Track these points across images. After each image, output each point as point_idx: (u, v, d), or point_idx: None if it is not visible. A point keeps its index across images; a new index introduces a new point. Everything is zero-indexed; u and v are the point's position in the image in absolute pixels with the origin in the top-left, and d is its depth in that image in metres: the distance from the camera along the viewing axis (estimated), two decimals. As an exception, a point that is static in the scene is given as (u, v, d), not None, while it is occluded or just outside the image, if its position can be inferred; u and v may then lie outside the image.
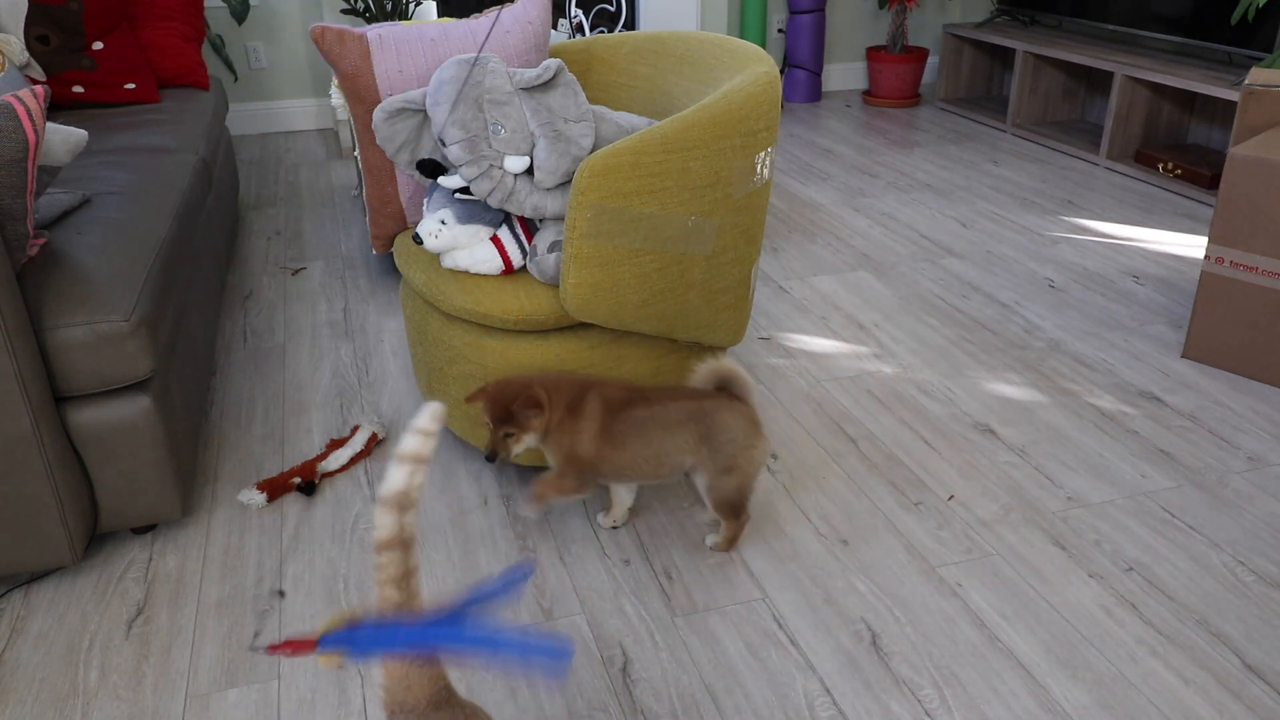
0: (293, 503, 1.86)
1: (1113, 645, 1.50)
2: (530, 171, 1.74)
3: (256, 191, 3.66)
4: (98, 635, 1.55)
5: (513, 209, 1.74)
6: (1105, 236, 3.11)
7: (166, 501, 1.68)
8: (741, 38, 4.18)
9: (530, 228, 1.82)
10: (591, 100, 2.19)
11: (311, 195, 3.60)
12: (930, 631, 1.53)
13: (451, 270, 1.82)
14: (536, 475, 1.91)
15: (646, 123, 1.85)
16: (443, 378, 1.85)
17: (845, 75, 5.14)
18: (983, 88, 4.82)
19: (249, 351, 2.44)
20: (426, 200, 1.82)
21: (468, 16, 2.71)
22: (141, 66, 2.92)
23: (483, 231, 1.78)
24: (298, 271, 2.91)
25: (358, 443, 1.97)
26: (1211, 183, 3.41)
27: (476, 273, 1.80)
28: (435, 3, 4.51)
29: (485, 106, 1.69)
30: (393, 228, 2.34)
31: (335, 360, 2.39)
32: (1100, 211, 3.33)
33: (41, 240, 1.66)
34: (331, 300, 2.72)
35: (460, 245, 1.79)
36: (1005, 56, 4.80)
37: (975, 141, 4.21)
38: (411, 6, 4.14)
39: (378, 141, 1.85)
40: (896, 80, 4.76)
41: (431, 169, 1.82)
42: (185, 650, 1.52)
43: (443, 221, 1.76)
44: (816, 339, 2.47)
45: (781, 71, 4.94)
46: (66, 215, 1.84)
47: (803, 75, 4.84)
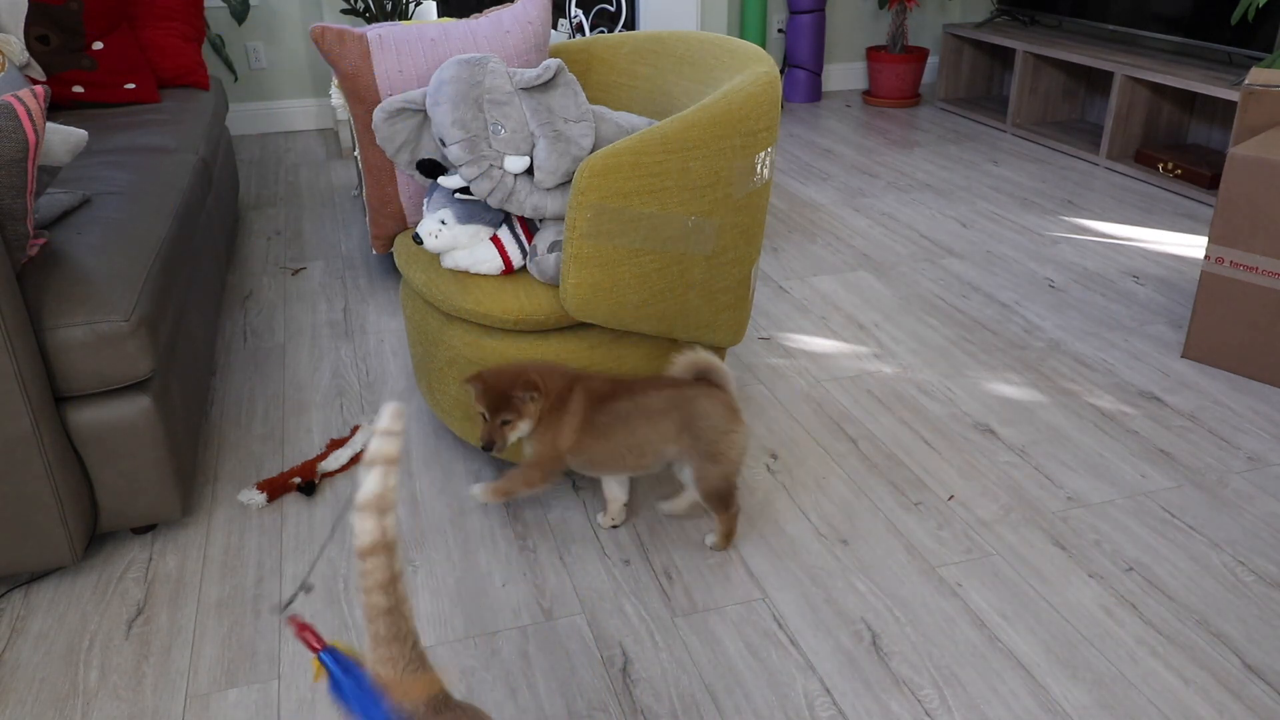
0: (293, 503, 1.86)
1: (1113, 645, 1.50)
2: (530, 171, 1.74)
3: (256, 191, 3.66)
4: (98, 635, 1.55)
5: (513, 209, 1.74)
6: (1105, 236, 3.11)
7: (166, 501, 1.68)
8: (741, 38, 4.18)
9: (530, 228, 1.82)
10: (591, 100, 2.19)
11: (311, 195, 3.60)
12: (930, 631, 1.53)
13: (451, 270, 1.82)
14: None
15: (646, 123, 1.85)
16: (443, 378, 1.85)
17: (845, 75, 5.14)
18: (983, 88, 4.82)
19: (249, 351, 2.44)
20: (426, 200, 1.82)
21: (468, 16, 2.71)
22: (141, 66, 2.92)
23: (483, 231, 1.78)
24: (298, 271, 2.91)
25: (358, 443, 1.97)
26: (1211, 183, 3.41)
27: (476, 273, 1.80)
28: (435, 3, 4.51)
29: (485, 106, 1.69)
30: (393, 228, 2.34)
31: (335, 360, 2.39)
32: (1100, 211, 3.33)
33: (41, 240, 1.67)
34: (331, 300, 2.72)
35: (460, 245, 1.79)
36: (1005, 56, 4.80)
37: (975, 141, 4.21)
38: (411, 6, 4.14)
39: (378, 141, 1.85)
40: (896, 80, 4.76)
41: (431, 169, 1.82)
42: (185, 650, 1.52)
43: (443, 221, 1.76)
44: (816, 339, 2.47)
45: (781, 71, 4.94)
46: (66, 215, 1.84)
47: (803, 75, 4.84)
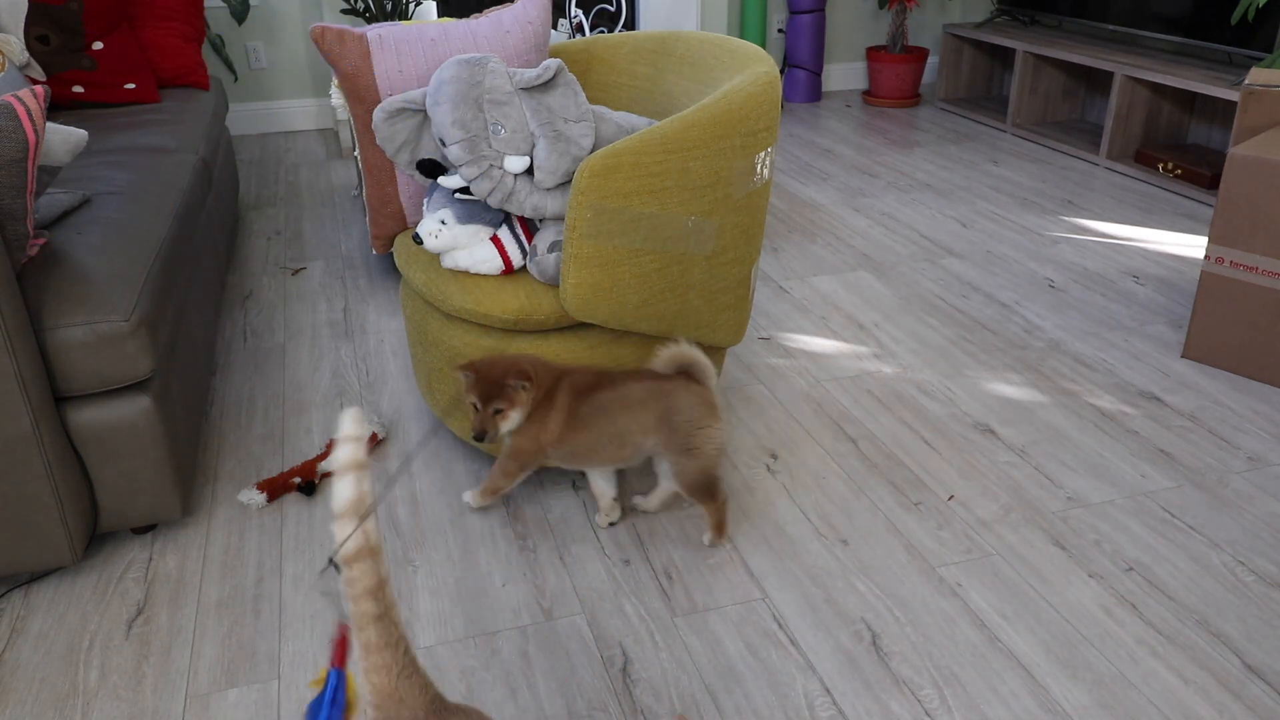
0: (293, 503, 1.86)
1: (1113, 645, 1.50)
2: (530, 171, 1.74)
3: (256, 191, 3.66)
4: (98, 635, 1.55)
5: (513, 209, 1.74)
6: (1105, 236, 3.11)
7: (166, 501, 1.68)
8: (741, 38, 4.18)
9: (530, 228, 1.82)
10: (591, 100, 2.19)
11: (311, 195, 3.60)
12: (930, 631, 1.53)
13: (451, 270, 1.82)
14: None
15: (646, 123, 1.85)
16: (443, 378, 1.85)
17: (845, 75, 5.14)
18: (983, 88, 4.82)
19: (249, 351, 2.44)
20: (426, 200, 1.82)
21: (468, 16, 2.71)
22: (141, 66, 2.92)
23: (483, 231, 1.78)
24: (298, 271, 2.91)
25: (358, 443, 1.97)
26: (1211, 183, 3.41)
27: (476, 273, 1.80)
28: (435, 3, 4.51)
29: (485, 106, 1.69)
30: (393, 228, 2.34)
31: (335, 360, 2.39)
32: (1100, 211, 3.33)
33: (41, 240, 1.67)
34: (331, 300, 2.72)
35: (460, 245, 1.79)
36: (1005, 56, 4.80)
37: (975, 141, 4.21)
38: (411, 6, 4.14)
39: (378, 141, 1.85)
40: (896, 80, 4.76)
41: (431, 169, 1.82)
42: (185, 650, 1.52)
43: (443, 221, 1.76)
44: (816, 339, 2.47)
45: (781, 71, 4.94)
46: (66, 215, 1.84)
47: (803, 75, 4.84)
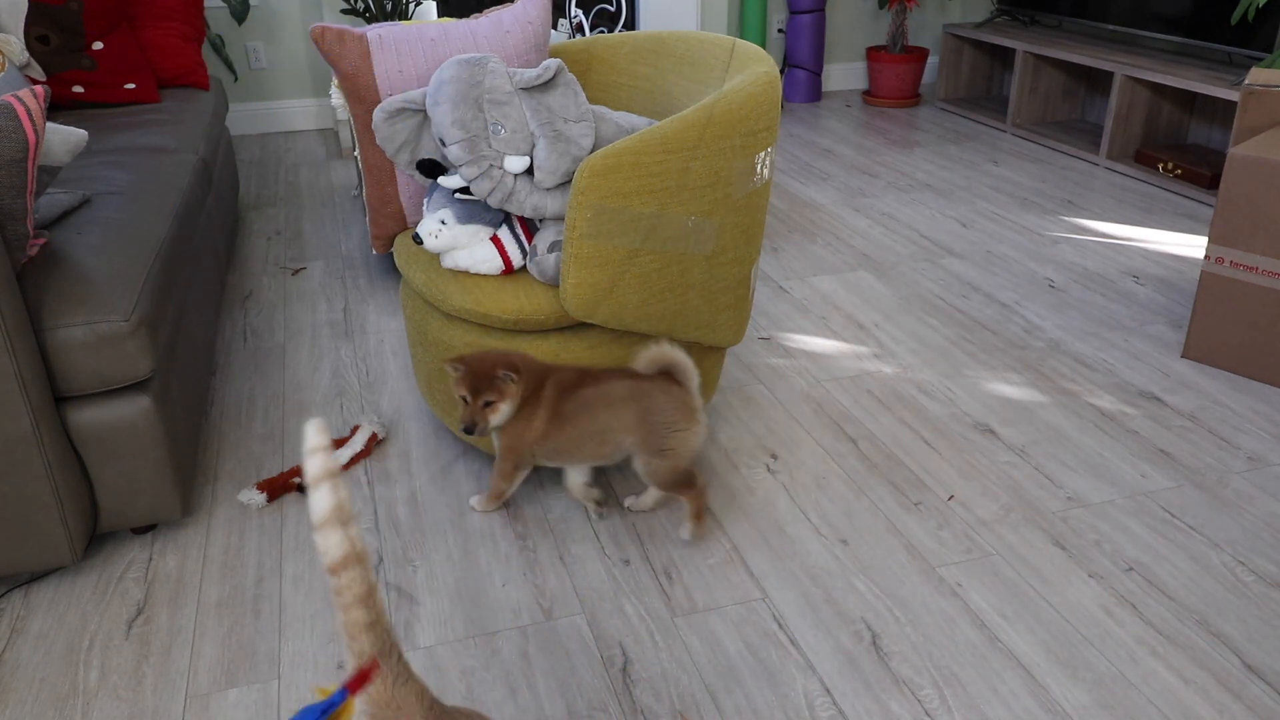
0: (293, 503, 1.86)
1: (1113, 645, 1.50)
2: (530, 171, 1.74)
3: (256, 191, 3.66)
4: (98, 635, 1.55)
5: (513, 209, 1.74)
6: (1105, 236, 3.11)
7: (166, 501, 1.68)
8: (741, 38, 4.18)
9: (530, 228, 1.82)
10: (591, 100, 2.19)
11: (311, 195, 3.60)
12: (930, 631, 1.53)
13: (451, 270, 1.82)
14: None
15: (646, 123, 1.85)
16: (443, 378, 1.85)
17: (845, 75, 5.14)
18: (983, 88, 4.82)
19: (249, 351, 2.44)
20: (426, 200, 1.82)
21: (468, 16, 2.71)
22: (141, 66, 2.92)
23: (483, 231, 1.78)
24: (298, 271, 2.91)
25: (358, 443, 1.97)
26: (1211, 183, 3.41)
27: (476, 273, 1.80)
28: (435, 3, 4.51)
29: (485, 106, 1.69)
30: (393, 228, 2.34)
31: (335, 360, 2.39)
32: (1100, 211, 3.33)
33: (41, 240, 1.67)
34: (331, 300, 2.72)
35: (460, 245, 1.79)
36: (1005, 56, 4.80)
37: (975, 141, 4.21)
38: (411, 6, 4.14)
39: (378, 141, 1.85)
40: (896, 80, 4.76)
41: (431, 169, 1.82)
42: (185, 650, 1.52)
43: (443, 221, 1.76)
44: (816, 339, 2.47)
45: (781, 71, 4.94)
46: (66, 215, 1.84)
47: (803, 75, 4.84)
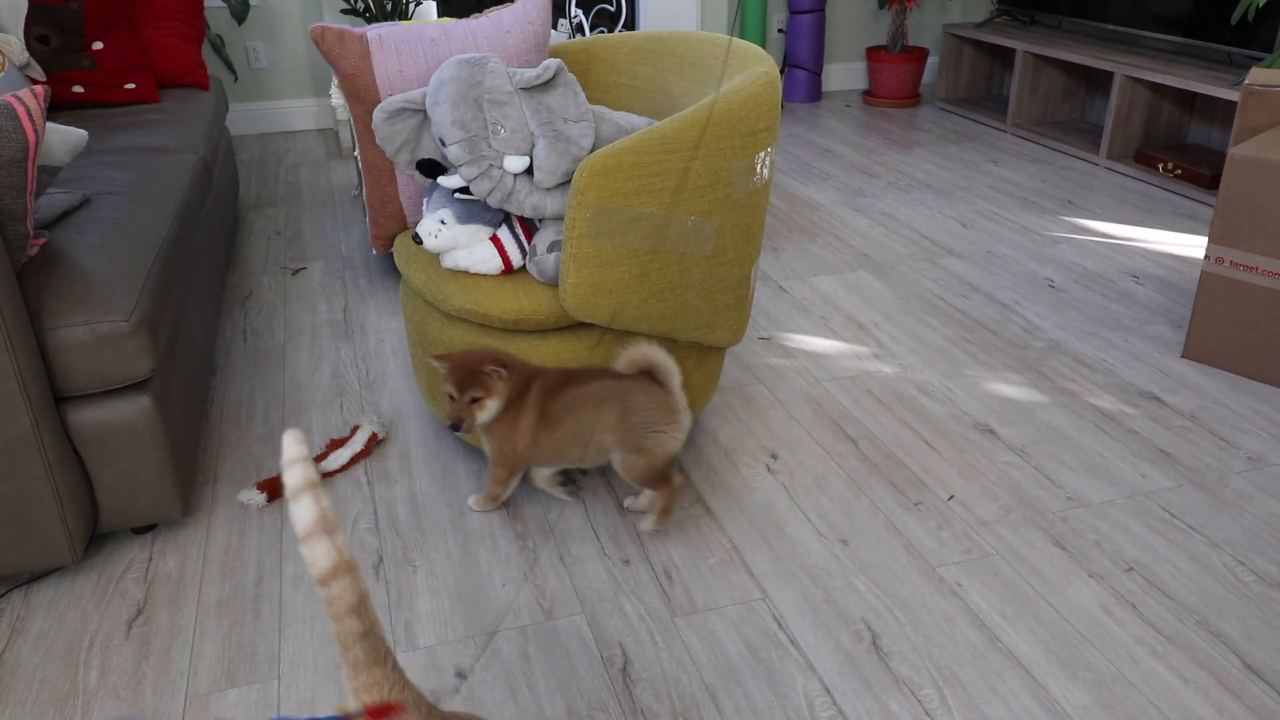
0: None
1: (1113, 645, 1.50)
2: (530, 171, 1.74)
3: (256, 191, 3.66)
4: (98, 635, 1.55)
5: (512, 209, 1.74)
6: (1105, 236, 3.11)
7: (166, 501, 1.68)
8: (741, 38, 4.18)
9: (530, 228, 1.82)
10: (592, 100, 2.19)
11: (311, 195, 3.60)
12: (930, 631, 1.53)
13: (451, 270, 1.82)
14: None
15: (646, 123, 1.85)
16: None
17: (845, 75, 5.14)
18: (983, 88, 4.82)
19: (249, 351, 2.44)
20: (426, 200, 1.82)
21: (468, 16, 2.71)
22: (141, 66, 2.92)
23: (482, 231, 1.78)
24: (298, 271, 2.91)
25: (358, 443, 1.97)
26: (1211, 183, 3.41)
27: (476, 272, 1.80)
28: (435, 3, 4.51)
29: (485, 106, 1.69)
30: (393, 228, 2.34)
31: (335, 360, 2.39)
32: (1100, 211, 3.33)
33: (41, 240, 1.67)
34: (331, 300, 2.72)
35: (460, 245, 1.79)
36: (1005, 56, 4.80)
37: (975, 141, 4.21)
38: (411, 6, 4.14)
39: (378, 141, 1.85)
40: (896, 80, 4.76)
41: (431, 169, 1.82)
42: (185, 650, 1.52)
43: (442, 221, 1.76)
44: (816, 339, 2.47)
45: (781, 71, 4.94)
46: (66, 215, 1.84)
47: (803, 75, 4.84)
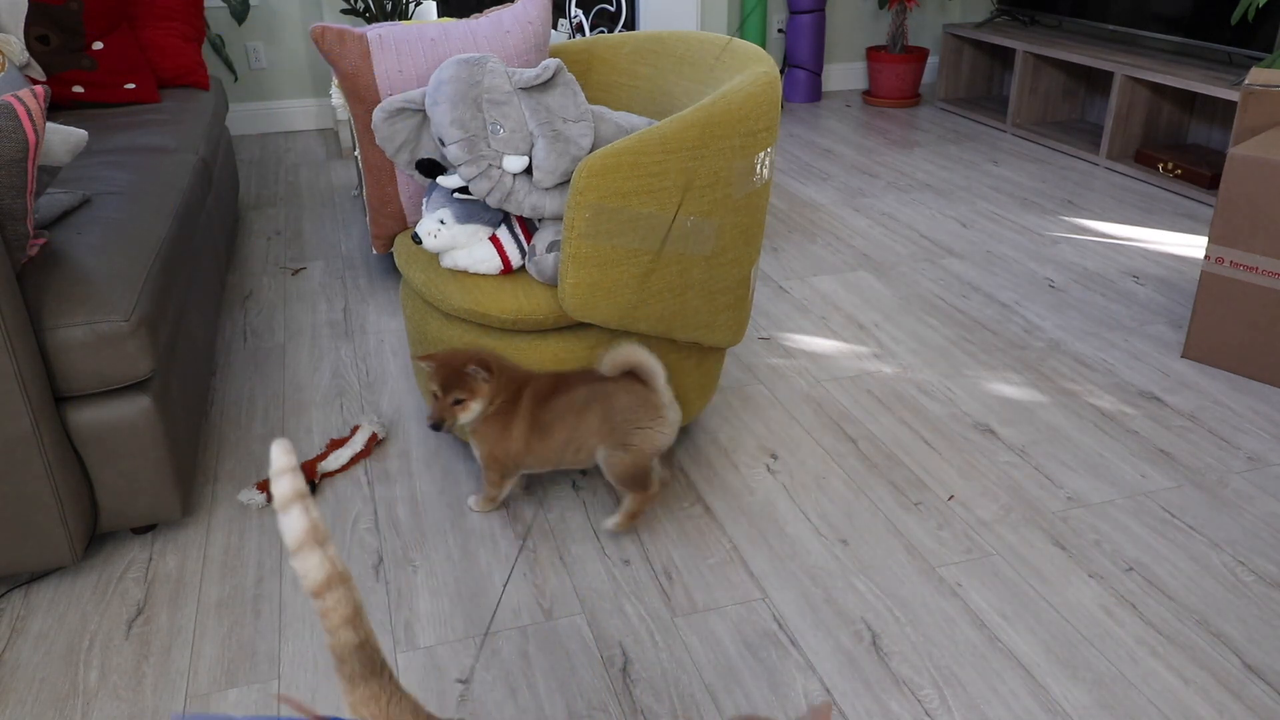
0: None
1: (1113, 645, 1.50)
2: (529, 171, 1.74)
3: (256, 191, 3.66)
4: (98, 635, 1.55)
5: (511, 209, 1.74)
6: (1105, 236, 3.11)
7: (166, 501, 1.68)
8: (741, 38, 4.18)
9: (529, 227, 1.82)
10: (592, 100, 2.19)
11: (311, 195, 3.60)
12: (930, 631, 1.53)
13: (450, 270, 1.82)
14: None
15: (646, 123, 1.85)
16: (442, 378, 1.85)
17: (845, 75, 5.14)
18: (983, 88, 4.82)
19: (249, 351, 2.44)
20: (425, 200, 1.82)
21: (468, 16, 2.71)
22: (141, 66, 2.92)
23: (481, 231, 1.78)
24: (298, 271, 2.91)
25: (358, 443, 1.97)
26: (1211, 183, 3.41)
27: (475, 272, 1.80)
28: (435, 3, 4.51)
29: (484, 106, 1.69)
30: (393, 227, 2.34)
31: (335, 360, 2.39)
32: (1100, 211, 3.33)
33: (41, 240, 1.67)
34: (331, 300, 2.72)
35: (459, 245, 1.79)
36: (1005, 56, 4.80)
37: (975, 141, 4.21)
38: (411, 6, 4.14)
39: (377, 141, 1.85)
40: (896, 80, 4.76)
41: (430, 168, 1.82)
42: (185, 650, 1.52)
43: (441, 221, 1.76)
44: (816, 339, 2.47)
45: (781, 71, 4.94)
46: (66, 215, 1.84)
47: (803, 75, 4.84)
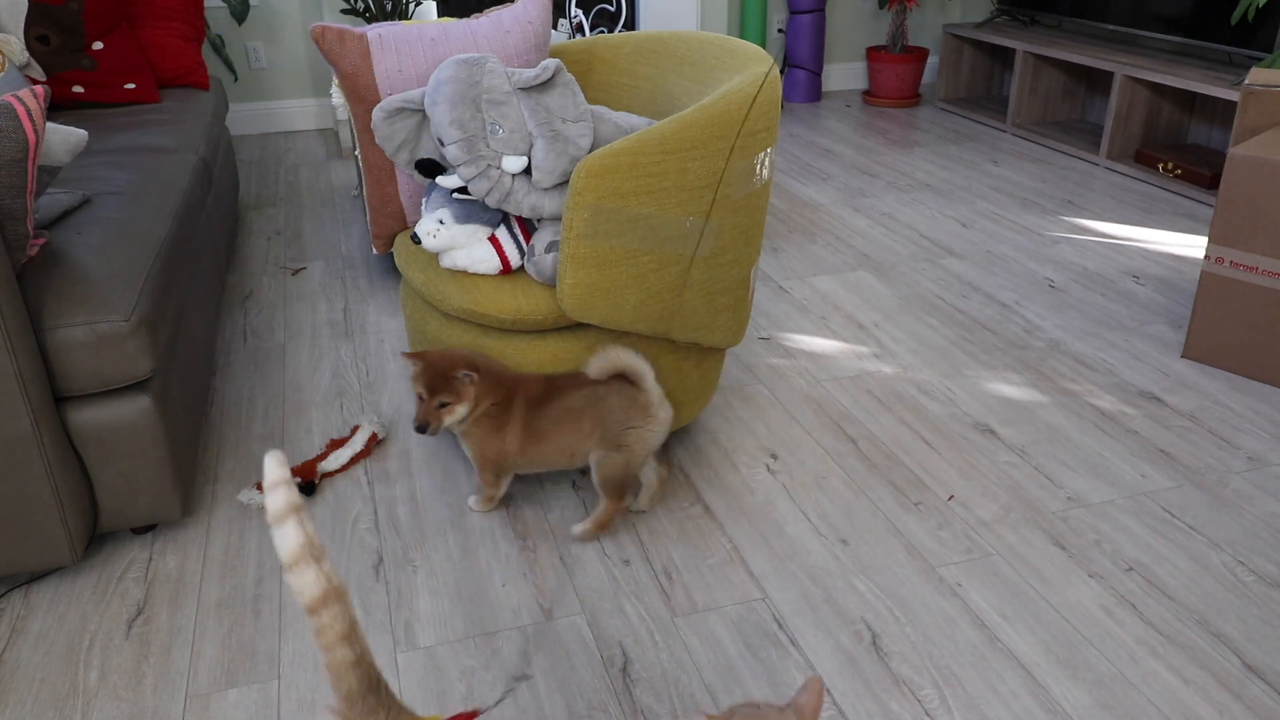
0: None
1: (1113, 645, 1.50)
2: (528, 171, 1.73)
3: (256, 191, 3.66)
4: (98, 635, 1.55)
5: (510, 209, 1.74)
6: (1105, 236, 3.11)
7: (166, 501, 1.68)
8: (741, 38, 4.18)
9: (528, 228, 1.82)
10: (593, 100, 2.18)
11: (311, 195, 3.60)
12: (930, 631, 1.53)
13: (450, 270, 1.82)
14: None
15: (646, 123, 1.85)
16: (442, 378, 1.85)
17: (845, 75, 5.14)
18: (983, 88, 4.82)
19: (249, 351, 2.44)
20: (425, 199, 1.82)
21: (468, 16, 2.71)
22: (141, 66, 2.92)
23: (480, 231, 1.78)
24: (298, 271, 2.91)
25: (358, 443, 1.97)
26: (1211, 183, 3.41)
27: (475, 272, 1.80)
28: (435, 3, 4.51)
29: (483, 106, 1.69)
30: (393, 227, 2.34)
31: (335, 360, 2.39)
32: (1100, 211, 3.33)
33: (41, 240, 1.67)
34: (331, 300, 2.72)
35: (458, 245, 1.79)
36: (1005, 56, 4.80)
37: (975, 141, 4.21)
38: (411, 6, 4.14)
39: (376, 141, 1.85)
40: (896, 80, 4.76)
41: (430, 168, 1.82)
42: (185, 650, 1.52)
43: (440, 221, 1.76)
44: (816, 339, 2.47)
45: (781, 71, 4.94)
46: (66, 215, 1.84)
47: (803, 75, 4.84)
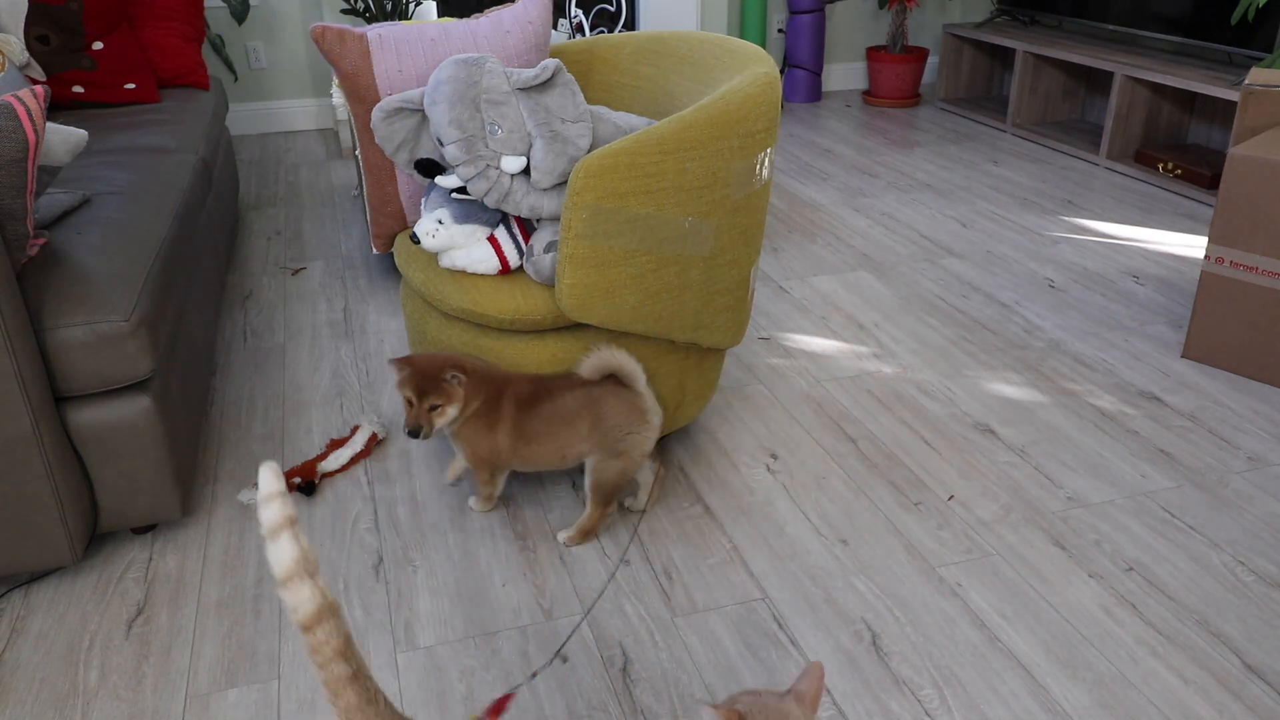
0: (293, 503, 1.86)
1: (1113, 645, 1.50)
2: (527, 172, 1.73)
3: (256, 191, 3.66)
4: (98, 635, 1.55)
5: (509, 209, 1.74)
6: (1105, 236, 3.11)
7: (166, 501, 1.68)
8: (741, 38, 4.18)
9: (527, 228, 1.82)
10: (593, 100, 2.19)
11: (311, 195, 3.60)
12: (930, 631, 1.53)
13: (449, 270, 1.82)
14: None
15: (645, 123, 1.85)
16: (442, 378, 1.85)
17: (845, 75, 5.14)
18: (983, 88, 4.82)
19: (249, 351, 2.44)
20: (424, 199, 1.82)
21: (468, 16, 2.71)
22: (141, 66, 2.92)
23: (479, 231, 1.78)
24: (298, 271, 2.91)
25: (358, 443, 1.97)
26: (1211, 183, 3.41)
27: (474, 272, 1.80)
28: (435, 3, 4.51)
29: (482, 106, 1.69)
30: (393, 227, 2.34)
31: (335, 360, 2.39)
32: (1100, 211, 3.33)
33: (41, 240, 1.67)
34: (331, 300, 2.72)
35: (457, 245, 1.79)
36: (1005, 56, 4.80)
37: (975, 141, 4.21)
38: (411, 6, 4.14)
39: (376, 141, 1.85)
40: (896, 80, 4.76)
41: (429, 168, 1.82)
42: (185, 650, 1.52)
43: (440, 221, 1.76)
44: (816, 339, 2.47)
45: (781, 71, 4.94)
46: (66, 215, 1.84)
47: (803, 75, 4.84)
